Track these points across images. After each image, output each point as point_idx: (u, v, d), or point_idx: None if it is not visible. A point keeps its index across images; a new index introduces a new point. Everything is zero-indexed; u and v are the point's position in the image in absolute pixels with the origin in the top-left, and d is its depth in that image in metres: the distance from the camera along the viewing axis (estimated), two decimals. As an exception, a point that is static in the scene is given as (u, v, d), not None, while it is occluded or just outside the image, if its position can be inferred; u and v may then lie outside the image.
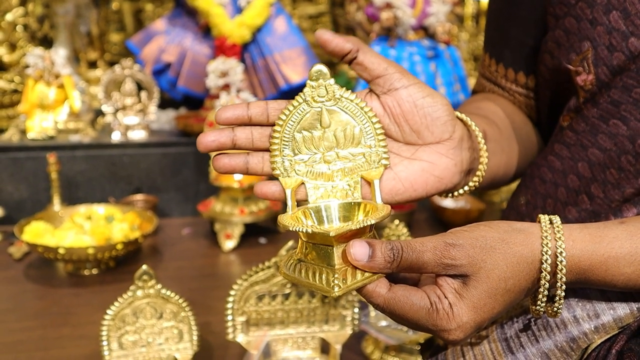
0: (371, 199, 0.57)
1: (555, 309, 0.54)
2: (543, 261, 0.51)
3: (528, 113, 0.82)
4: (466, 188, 0.64)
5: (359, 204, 0.56)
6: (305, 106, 0.56)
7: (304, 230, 0.50)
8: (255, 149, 0.57)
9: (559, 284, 0.52)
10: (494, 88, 0.83)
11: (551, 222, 0.53)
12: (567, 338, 0.56)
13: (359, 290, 0.51)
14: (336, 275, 0.49)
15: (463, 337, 0.51)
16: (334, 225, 0.55)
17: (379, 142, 0.56)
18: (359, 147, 0.56)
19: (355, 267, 0.50)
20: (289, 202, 0.56)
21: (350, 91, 0.57)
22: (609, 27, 0.62)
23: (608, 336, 0.55)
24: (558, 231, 0.52)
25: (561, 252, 0.52)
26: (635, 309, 0.56)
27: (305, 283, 0.51)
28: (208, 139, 0.55)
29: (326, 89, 0.56)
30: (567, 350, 0.56)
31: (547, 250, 0.51)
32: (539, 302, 0.53)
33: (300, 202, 0.57)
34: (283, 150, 0.56)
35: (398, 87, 0.57)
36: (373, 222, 0.50)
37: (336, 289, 0.49)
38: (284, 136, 0.56)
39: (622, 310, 0.56)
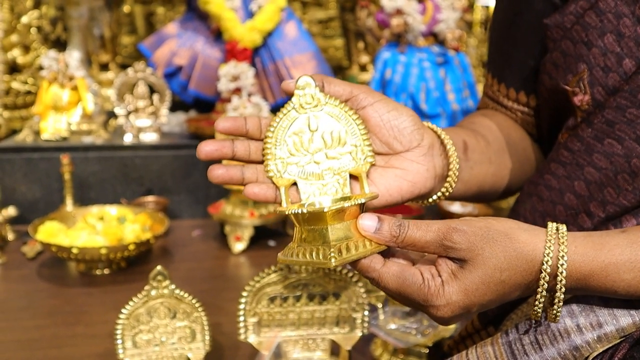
0: (360, 193, 0.61)
1: (555, 312, 0.55)
2: (544, 262, 0.53)
3: (530, 130, 0.84)
4: (439, 194, 0.68)
5: (349, 197, 0.59)
6: (294, 113, 0.61)
7: (300, 211, 0.54)
8: (250, 161, 0.61)
9: (558, 287, 0.54)
10: (496, 107, 0.85)
11: (557, 229, 0.55)
12: (570, 347, 0.57)
13: (354, 264, 0.54)
14: (332, 250, 0.53)
15: (450, 315, 0.53)
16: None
17: (363, 141, 0.61)
18: (345, 146, 0.61)
19: (348, 246, 0.53)
20: (283, 198, 0.59)
21: (333, 97, 0.61)
22: (603, 49, 0.64)
23: (610, 345, 0.56)
24: (562, 236, 0.54)
25: (562, 255, 0.53)
26: (638, 319, 0.56)
27: (303, 262, 0.55)
28: (210, 147, 0.58)
29: (312, 97, 0.60)
30: (570, 359, 0.57)
31: (549, 253, 0.53)
32: (537, 303, 0.55)
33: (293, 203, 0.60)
34: (275, 154, 0.60)
35: (365, 105, 0.62)
36: (363, 201, 0.55)
37: (333, 260, 0.52)
38: (276, 141, 0.60)
39: (625, 320, 0.57)
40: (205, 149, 0.58)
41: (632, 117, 0.62)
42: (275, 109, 1.91)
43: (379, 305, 1.05)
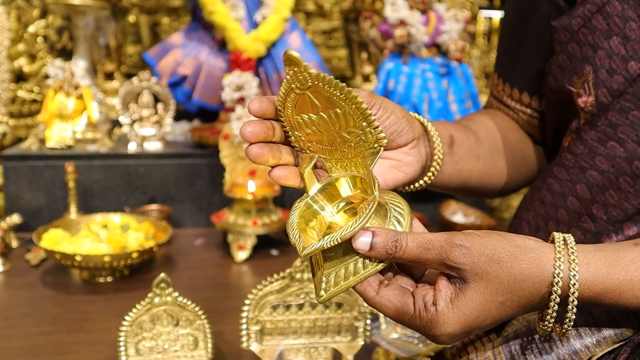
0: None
1: (565, 330, 0.54)
2: (554, 283, 0.51)
3: (532, 133, 0.84)
4: (421, 182, 0.68)
5: (361, 179, 0.57)
6: (293, 95, 0.56)
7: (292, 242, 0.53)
8: (284, 143, 0.60)
9: (569, 307, 0.52)
10: (500, 106, 0.86)
11: (565, 243, 0.53)
12: (569, 351, 0.57)
13: (354, 287, 0.53)
14: (324, 279, 0.52)
15: (448, 341, 0.52)
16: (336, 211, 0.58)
17: (369, 123, 0.56)
18: (353, 128, 0.56)
19: (338, 274, 0.53)
20: (305, 183, 0.57)
21: (331, 77, 0.56)
22: (609, 52, 0.65)
23: (609, 349, 0.56)
24: (572, 253, 0.52)
25: (574, 274, 0.51)
26: (637, 323, 0.57)
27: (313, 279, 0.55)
28: (257, 128, 0.55)
29: (305, 77, 0.55)
30: None
31: (560, 273, 0.51)
32: (546, 322, 0.53)
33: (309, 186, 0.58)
34: (294, 131, 0.57)
35: None
36: (338, 240, 0.51)
37: (322, 292, 0.52)
38: (289, 119, 0.57)
39: (624, 324, 0.57)
40: (253, 128, 0.55)
41: (635, 120, 0.63)
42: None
43: (381, 314, 1.05)
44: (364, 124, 0.55)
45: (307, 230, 0.55)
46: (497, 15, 3.54)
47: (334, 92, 0.54)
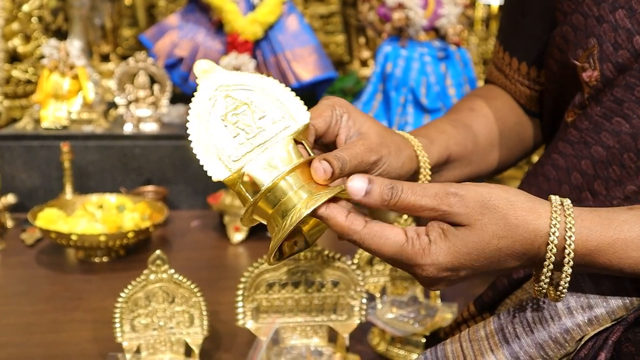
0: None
1: (559, 293, 0.54)
2: (551, 234, 0.51)
3: (529, 106, 0.84)
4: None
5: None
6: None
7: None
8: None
9: (566, 260, 0.52)
10: (499, 76, 0.86)
11: (561, 202, 0.54)
12: (560, 329, 0.57)
13: (334, 227, 0.52)
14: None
15: (436, 275, 0.51)
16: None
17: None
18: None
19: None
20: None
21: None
22: (614, 25, 0.64)
23: (601, 328, 0.56)
24: (568, 209, 0.53)
25: (570, 227, 0.51)
26: (628, 302, 0.57)
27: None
28: None
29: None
30: (561, 342, 0.56)
31: (556, 224, 0.51)
32: (542, 279, 0.53)
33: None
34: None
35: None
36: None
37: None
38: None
39: (615, 302, 0.57)
40: None
41: None
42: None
43: (377, 294, 1.05)
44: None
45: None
46: (495, 1, 3.52)
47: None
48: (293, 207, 0.53)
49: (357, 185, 0.51)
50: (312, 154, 0.57)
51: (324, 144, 0.63)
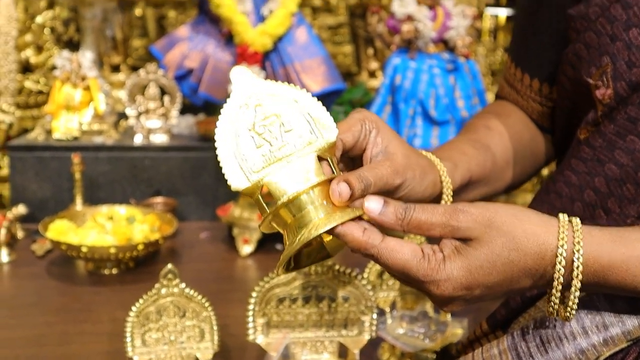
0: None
1: (569, 309, 0.53)
2: (559, 246, 0.51)
3: (541, 121, 0.84)
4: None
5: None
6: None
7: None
8: None
9: (575, 274, 0.51)
10: (511, 92, 0.86)
11: (569, 220, 0.53)
12: (575, 350, 0.56)
13: (352, 243, 0.52)
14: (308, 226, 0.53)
15: (451, 292, 0.51)
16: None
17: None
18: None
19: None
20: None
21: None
22: (628, 43, 0.64)
23: (617, 349, 0.56)
24: (576, 225, 0.52)
25: (578, 241, 0.51)
26: None
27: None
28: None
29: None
30: None
31: (564, 237, 0.51)
32: (553, 297, 0.53)
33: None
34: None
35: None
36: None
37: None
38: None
39: (631, 323, 0.56)
40: None
41: None
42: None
43: (387, 309, 1.05)
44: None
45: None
46: (503, 13, 3.53)
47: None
48: (307, 225, 0.54)
49: (373, 206, 0.52)
50: (335, 171, 0.57)
51: (350, 157, 0.63)
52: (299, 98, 0.57)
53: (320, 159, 0.57)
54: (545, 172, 1.85)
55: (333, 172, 0.57)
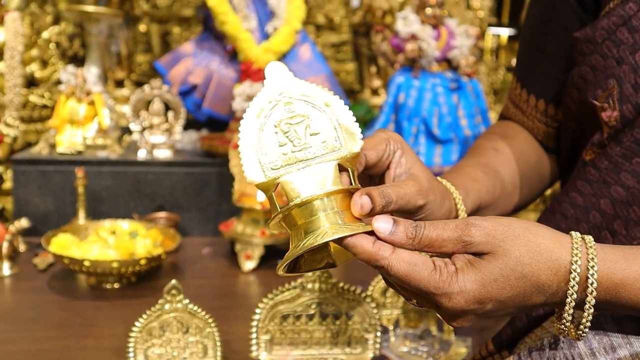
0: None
1: (581, 329, 0.52)
2: (572, 262, 0.50)
3: (545, 141, 0.84)
4: None
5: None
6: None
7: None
8: None
9: (590, 290, 0.50)
10: (516, 112, 0.86)
11: (582, 237, 0.53)
12: None
13: (362, 256, 0.52)
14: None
15: (463, 306, 0.50)
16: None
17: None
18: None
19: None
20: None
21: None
22: (634, 67, 0.65)
23: None
24: (589, 242, 0.52)
25: (592, 257, 0.51)
26: None
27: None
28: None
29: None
30: None
31: (577, 253, 0.51)
32: (565, 315, 0.52)
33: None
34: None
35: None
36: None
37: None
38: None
39: (639, 344, 0.56)
40: None
41: None
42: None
43: (391, 327, 1.05)
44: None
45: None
46: (505, 32, 3.56)
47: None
48: (314, 231, 0.53)
49: (383, 226, 0.52)
50: (354, 183, 0.57)
51: (370, 174, 0.63)
52: (331, 103, 0.57)
53: (340, 168, 0.56)
54: (548, 192, 1.85)
55: (351, 184, 0.56)
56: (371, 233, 0.53)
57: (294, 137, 0.56)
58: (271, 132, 0.56)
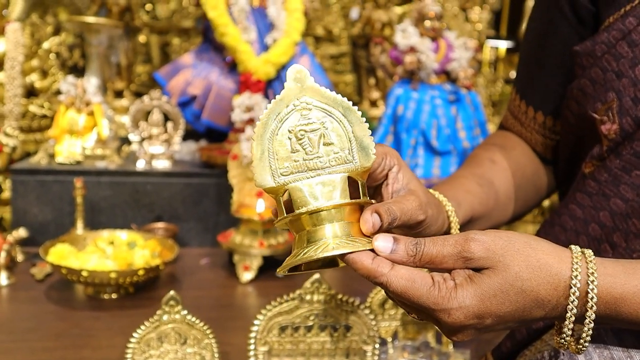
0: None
1: (582, 343, 0.52)
2: (573, 277, 0.50)
3: (543, 153, 0.85)
4: None
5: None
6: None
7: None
8: None
9: (590, 304, 0.51)
10: (515, 123, 0.87)
11: (582, 251, 0.53)
12: None
13: (362, 271, 0.52)
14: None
15: (463, 320, 0.50)
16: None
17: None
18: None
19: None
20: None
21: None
22: (634, 80, 0.65)
23: None
24: (589, 256, 0.52)
25: (592, 272, 0.51)
26: None
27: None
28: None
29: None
30: None
31: (578, 268, 0.51)
32: (565, 330, 0.52)
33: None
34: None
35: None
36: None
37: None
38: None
39: (639, 358, 0.56)
40: None
41: None
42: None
43: (389, 339, 1.04)
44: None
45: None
46: (503, 44, 3.57)
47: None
48: (317, 241, 0.54)
49: (383, 245, 0.52)
50: (362, 196, 0.57)
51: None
52: (349, 114, 0.57)
53: (349, 179, 0.56)
54: (546, 203, 1.86)
55: (359, 197, 0.57)
56: (372, 249, 0.53)
57: (307, 145, 0.56)
58: (285, 137, 0.56)
